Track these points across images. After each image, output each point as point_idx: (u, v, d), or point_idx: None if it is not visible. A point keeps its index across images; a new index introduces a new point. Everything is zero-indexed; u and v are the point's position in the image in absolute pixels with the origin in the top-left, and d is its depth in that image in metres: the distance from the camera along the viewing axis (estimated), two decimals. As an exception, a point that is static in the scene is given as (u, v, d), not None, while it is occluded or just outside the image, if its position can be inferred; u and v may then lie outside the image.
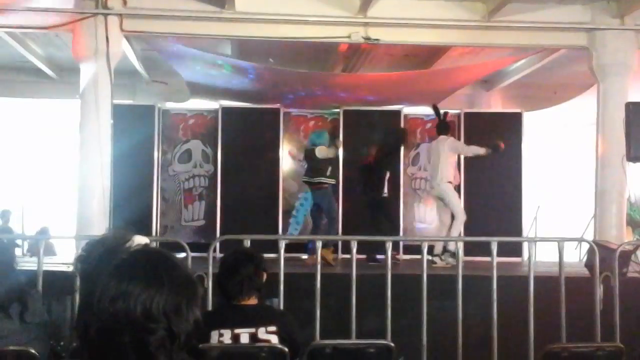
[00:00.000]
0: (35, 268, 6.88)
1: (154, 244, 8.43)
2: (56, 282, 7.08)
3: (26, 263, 9.26)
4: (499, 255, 7.18)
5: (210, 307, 6.42)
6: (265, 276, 4.46)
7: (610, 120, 10.34)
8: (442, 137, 10.82)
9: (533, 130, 13.55)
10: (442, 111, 11.02)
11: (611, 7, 10.36)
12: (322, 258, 7.67)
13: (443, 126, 10.93)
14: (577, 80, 12.90)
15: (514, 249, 11.26)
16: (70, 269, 7.38)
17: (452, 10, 10.37)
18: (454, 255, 9.97)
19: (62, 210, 13.95)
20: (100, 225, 9.35)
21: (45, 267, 7.16)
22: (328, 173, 10.71)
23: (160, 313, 1.82)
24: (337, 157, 11.28)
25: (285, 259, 7.15)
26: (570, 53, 11.63)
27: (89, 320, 1.86)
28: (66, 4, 9.96)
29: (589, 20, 10.50)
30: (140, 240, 2.20)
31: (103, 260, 2.09)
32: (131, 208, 11.24)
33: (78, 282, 2.24)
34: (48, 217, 14.51)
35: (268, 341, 4.22)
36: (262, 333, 4.22)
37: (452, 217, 10.67)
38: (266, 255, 4.89)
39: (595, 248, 7.49)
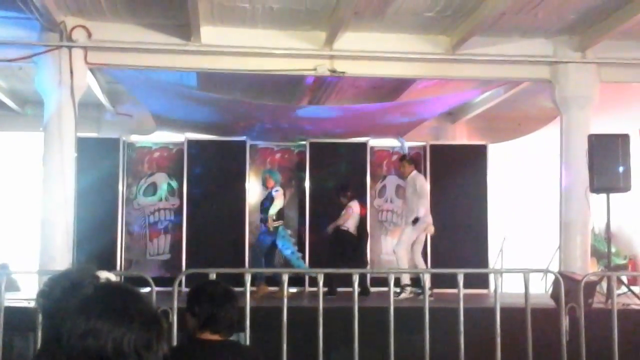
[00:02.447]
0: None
1: (118, 279, 8.34)
2: (18, 317, 6.95)
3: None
4: (465, 287, 7.18)
5: (175, 342, 6.33)
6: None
7: (573, 152, 10.47)
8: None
9: (498, 162, 13.66)
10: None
11: (573, 41, 10.53)
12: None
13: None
14: (540, 112, 13.07)
15: (481, 281, 11.30)
16: (33, 304, 7.26)
17: (416, 43, 10.46)
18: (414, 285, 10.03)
19: (25, 245, 13.73)
20: (63, 260, 9.23)
21: (8, 303, 7.02)
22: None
23: (131, 349, 1.79)
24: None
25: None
26: (534, 86, 11.79)
27: (57, 356, 1.82)
28: (30, 37, 9.89)
29: (551, 53, 10.66)
30: (105, 275, 2.16)
31: (66, 295, 2.05)
32: (95, 242, 11.13)
33: (40, 318, 2.19)
34: (10, 252, 14.27)
35: (235, 377, 4.15)
36: (230, 369, 4.16)
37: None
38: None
39: (561, 279, 7.52)
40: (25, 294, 9.49)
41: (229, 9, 9.51)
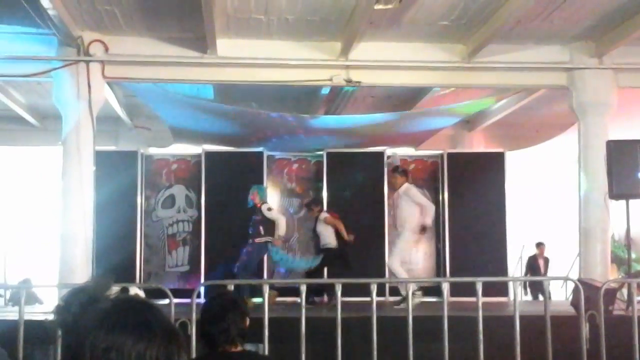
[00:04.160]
0: (17, 317, 6.79)
1: (142, 293, 8.38)
2: (39, 331, 6.99)
3: (8, 313, 9.17)
4: (484, 295, 7.16)
5: (194, 355, 6.34)
6: (248, 321, 4.40)
7: (591, 158, 10.41)
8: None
9: (516, 170, 13.61)
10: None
11: (589, 47, 10.49)
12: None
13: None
14: (558, 119, 13.02)
15: (500, 289, 11.24)
16: (51, 318, 7.30)
17: (432, 52, 10.46)
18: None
19: (45, 258, 13.83)
20: (83, 273, 9.29)
21: (28, 317, 7.07)
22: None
23: None
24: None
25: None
26: (551, 93, 11.76)
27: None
28: (48, 52, 9.98)
29: (567, 60, 10.62)
30: (134, 291, 2.19)
31: (84, 309, 2.06)
32: (115, 255, 11.18)
33: (59, 332, 2.21)
34: (31, 266, 14.38)
35: (254, 388, 4.15)
36: (248, 380, 4.16)
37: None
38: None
39: (580, 287, 7.48)
40: (46, 307, 9.55)
41: (244, 21, 9.55)
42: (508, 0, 8.76)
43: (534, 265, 14.17)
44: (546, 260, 14.17)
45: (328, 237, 11.23)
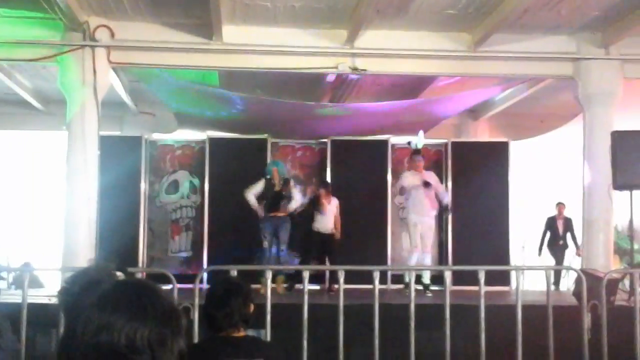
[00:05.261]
0: (20, 300, 6.82)
1: (139, 275, 8.41)
2: (41, 314, 7.02)
3: (11, 296, 9.21)
4: (486, 284, 7.17)
5: (196, 339, 6.37)
6: (252, 307, 4.41)
7: (596, 148, 10.42)
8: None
9: (520, 160, 13.59)
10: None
11: (596, 38, 10.47)
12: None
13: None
14: (563, 109, 13.00)
15: (502, 278, 11.24)
16: (54, 301, 7.33)
17: (438, 40, 10.45)
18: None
19: (48, 242, 13.87)
20: (86, 257, 9.31)
21: (31, 300, 7.10)
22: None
23: (144, 344, 1.79)
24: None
25: (273, 289, 7.12)
26: (556, 83, 11.74)
27: (72, 351, 1.83)
28: (53, 36, 9.99)
29: (574, 50, 10.60)
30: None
31: (86, 291, 2.07)
32: (118, 239, 11.20)
33: (62, 315, 2.22)
34: (34, 249, 14.42)
35: (256, 373, 4.16)
36: (250, 365, 4.17)
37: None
38: (253, 285, 4.86)
39: (583, 276, 7.49)
40: (48, 290, 9.59)
41: (250, 8, 9.54)
42: (515, -10, 8.75)
43: (553, 227, 13.57)
44: (567, 221, 13.45)
45: (331, 222, 11.28)
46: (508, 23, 9.63)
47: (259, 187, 11.01)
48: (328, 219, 11.26)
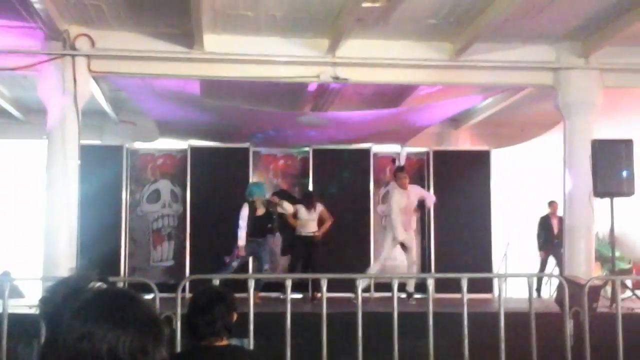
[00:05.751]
0: (0, 311, 6.76)
1: (120, 284, 8.36)
2: (23, 325, 6.96)
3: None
4: (469, 291, 7.19)
5: (179, 349, 6.33)
6: (235, 316, 4.39)
7: (576, 157, 10.47)
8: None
9: (501, 168, 13.65)
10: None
11: (576, 47, 10.54)
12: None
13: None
14: (543, 118, 13.06)
15: (485, 286, 11.27)
16: (35, 311, 7.27)
17: (419, 50, 10.48)
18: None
19: (29, 251, 13.76)
20: (67, 266, 9.23)
21: (11, 310, 7.04)
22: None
23: (126, 353, 1.77)
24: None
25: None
26: (537, 91, 11.81)
27: (54, 361, 1.81)
28: (33, 45, 9.92)
29: (554, 59, 10.66)
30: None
31: (67, 301, 2.05)
32: (99, 249, 11.13)
33: (43, 325, 2.20)
34: (14, 258, 14.29)
35: (238, 382, 4.14)
36: (232, 374, 4.15)
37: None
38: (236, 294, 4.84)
39: (565, 284, 7.52)
40: (29, 300, 9.51)
41: (232, 17, 9.53)
42: (495, 0, 8.78)
43: (547, 225, 13.35)
44: (560, 220, 12.62)
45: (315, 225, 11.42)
46: (489, 32, 9.68)
47: (245, 214, 10.90)
48: (310, 223, 11.32)
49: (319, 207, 11.47)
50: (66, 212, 9.76)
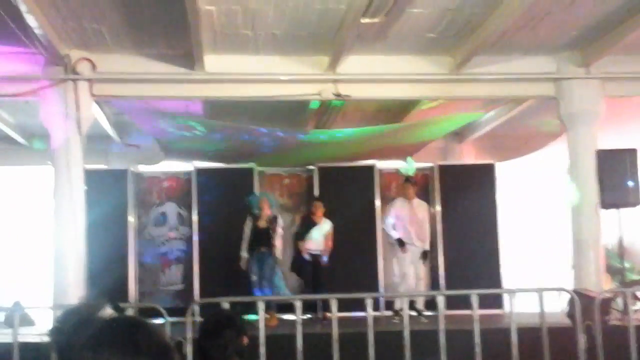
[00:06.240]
0: (11, 340, 6.73)
1: (130, 310, 8.32)
2: (33, 353, 6.92)
3: (2, 335, 9.08)
4: (479, 307, 7.13)
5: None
6: (246, 339, 4.35)
7: (581, 167, 10.43)
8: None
9: (507, 181, 13.61)
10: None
11: (576, 57, 10.52)
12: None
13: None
14: (547, 129, 13.03)
15: (494, 301, 11.22)
16: (46, 340, 7.23)
17: (420, 64, 10.46)
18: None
19: (37, 279, 13.73)
20: (76, 294, 9.20)
21: (22, 339, 7.01)
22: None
23: None
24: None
25: (266, 320, 7.05)
26: (539, 103, 11.78)
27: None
28: (35, 71, 9.93)
29: (554, 70, 10.64)
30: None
31: (77, 330, 2.02)
32: (108, 274, 11.08)
33: (54, 354, 2.17)
34: (23, 287, 14.25)
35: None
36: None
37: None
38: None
39: (576, 297, 7.46)
40: (40, 328, 9.46)
41: (231, 37, 9.53)
42: (493, 13, 8.78)
43: None
44: None
45: (322, 243, 11.31)
46: (488, 45, 9.66)
47: (248, 231, 11.02)
48: (319, 238, 11.25)
49: (327, 224, 11.40)
50: (74, 238, 9.72)
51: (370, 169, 12.87)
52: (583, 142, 10.57)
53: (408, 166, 11.40)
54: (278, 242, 11.09)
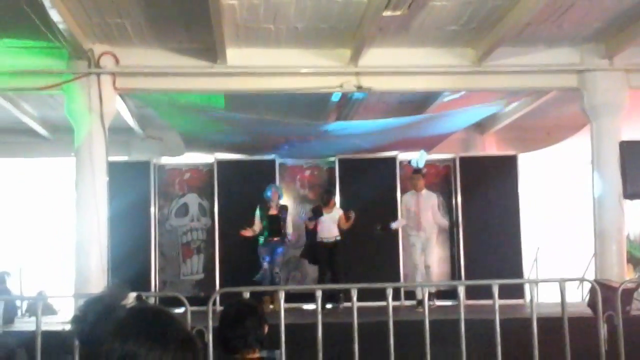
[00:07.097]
0: (34, 328, 6.84)
1: (152, 299, 8.41)
2: (56, 341, 7.02)
3: (25, 323, 9.22)
4: (500, 297, 7.14)
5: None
6: (267, 328, 4.40)
7: (605, 159, 10.38)
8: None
9: (529, 172, 13.56)
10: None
11: (600, 48, 10.46)
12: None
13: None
14: (570, 120, 12.97)
15: (516, 291, 11.23)
16: (68, 328, 7.33)
17: (442, 56, 10.45)
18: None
19: (61, 269, 13.89)
20: (98, 283, 9.31)
21: (45, 327, 7.12)
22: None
23: None
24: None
25: (286, 310, 7.11)
26: (562, 94, 11.73)
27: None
28: (59, 65, 10.04)
29: (578, 61, 10.58)
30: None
31: (100, 319, 2.07)
32: (130, 264, 11.20)
33: (77, 342, 2.23)
34: (46, 277, 14.43)
35: (272, 395, 4.16)
36: (266, 386, 4.16)
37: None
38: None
39: (597, 287, 7.45)
40: (62, 317, 9.59)
41: (253, 31, 9.57)
42: (517, 4, 8.74)
43: None
44: None
45: (335, 230, 11.44)
46: (511, 37, 9.63)
47: (257, 219, 11.37)
48: (330, 225, 11.30)
49: (339, 211, 11.47)
50: (96, 228, 9.83)
51: (391, 160, 12.87)
52: (607, 133, 10.53)
53: (419, 158, 11.38)
54: (289, 229, 11.41)
